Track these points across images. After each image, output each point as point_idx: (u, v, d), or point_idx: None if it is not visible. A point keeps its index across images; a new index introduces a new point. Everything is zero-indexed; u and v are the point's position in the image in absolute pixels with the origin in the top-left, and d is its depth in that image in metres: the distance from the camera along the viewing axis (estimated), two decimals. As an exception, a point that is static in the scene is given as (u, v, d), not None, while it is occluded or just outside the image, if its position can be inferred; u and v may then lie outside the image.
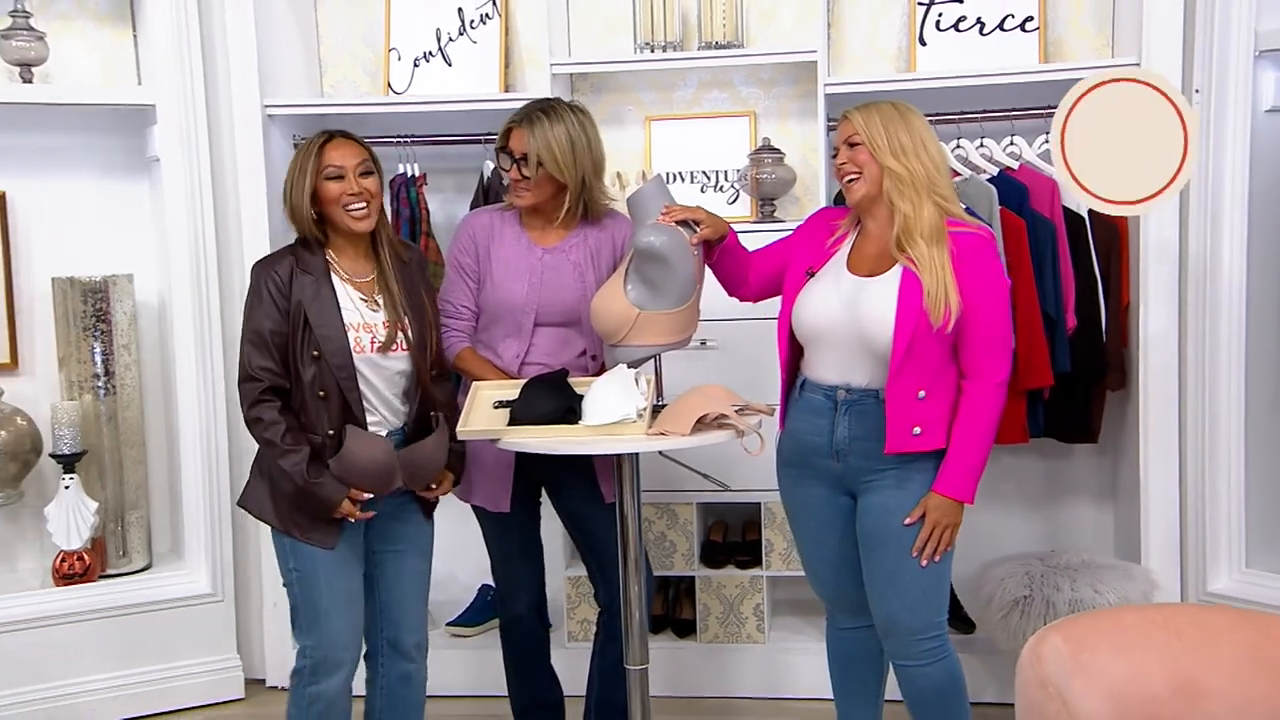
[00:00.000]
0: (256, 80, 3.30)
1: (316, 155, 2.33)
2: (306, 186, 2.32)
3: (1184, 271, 3.11)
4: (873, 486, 2.31)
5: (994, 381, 2.25)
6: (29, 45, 3.24)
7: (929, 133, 2.29)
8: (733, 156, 3.45)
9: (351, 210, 2.33)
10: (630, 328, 2.43)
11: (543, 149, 2.49)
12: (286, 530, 2.37)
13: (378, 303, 2.38)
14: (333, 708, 2.42)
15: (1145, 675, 1.66)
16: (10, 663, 3.18)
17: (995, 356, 2.25)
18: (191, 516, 3.39)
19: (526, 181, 2.53)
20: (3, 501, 3.30)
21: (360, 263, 2.40)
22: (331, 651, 2.39)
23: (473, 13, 3.51)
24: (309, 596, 2.39)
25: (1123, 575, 2.89)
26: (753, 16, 3.44)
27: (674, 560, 3.32)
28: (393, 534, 2.48)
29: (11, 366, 3.39)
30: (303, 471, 2.29)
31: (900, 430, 2.25)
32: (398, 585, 2.49)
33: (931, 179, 2.25)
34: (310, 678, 2.41)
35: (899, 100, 2.33)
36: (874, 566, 2.33)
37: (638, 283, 2.44)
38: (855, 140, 2.29)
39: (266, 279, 2.33)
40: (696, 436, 2.31)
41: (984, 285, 2.24)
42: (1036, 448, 3.34)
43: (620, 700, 2.60)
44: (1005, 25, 3.32)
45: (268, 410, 2.31)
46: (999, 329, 2.26)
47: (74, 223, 3.45)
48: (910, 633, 2.32)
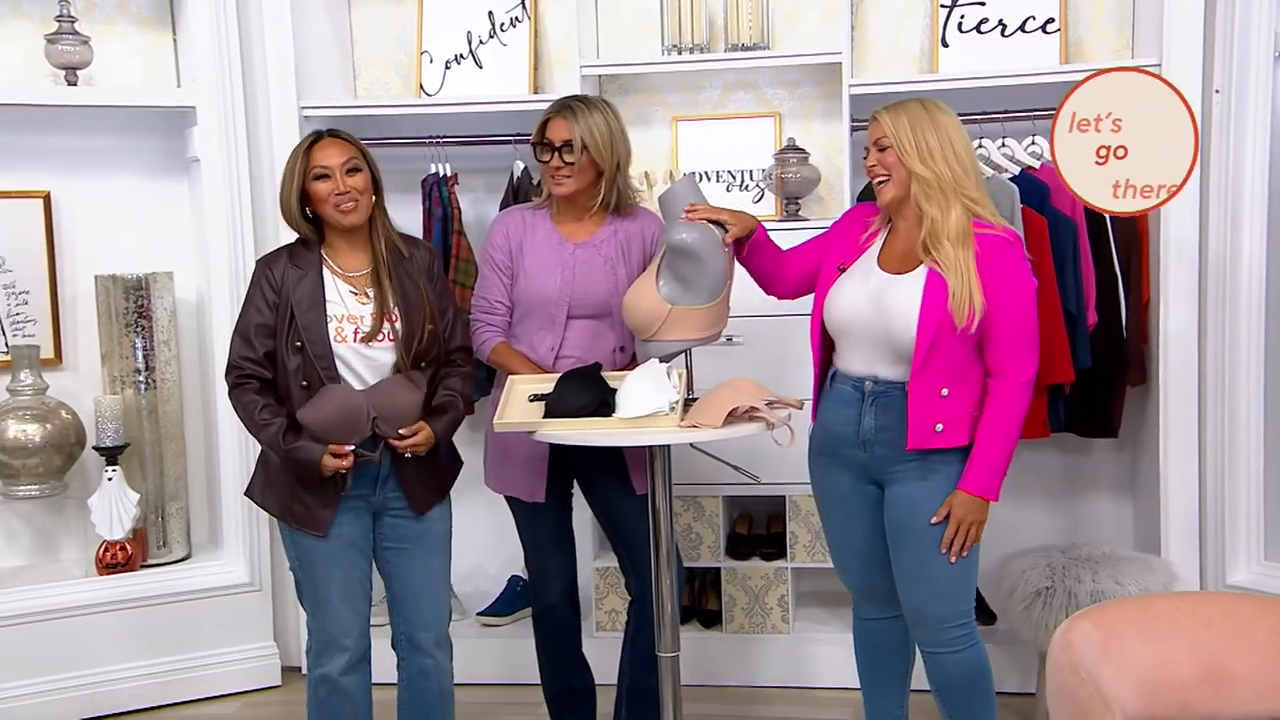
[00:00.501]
0: (294, 82, 3.38)
1: (304, 157, 2.42)
2: (295, 188, 2.42)
3: (1204, 268, 3.15)
4: (899, 477, 2.36)
5: (1020, 381, 2.29)
6: (74, 49, 3.33)
7: (957, 131, 2.32)
8: (758, 156, 3.51)
9: (340, 207, 2.41)
10: (662, 323, 2.50)
11: (585, 134, 2.58)
12: (284, 518, 2.46)
13: (368, 295, 2.43)
14: (338, 692, 2.47)
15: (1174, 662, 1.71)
16: (55, 649, 3.27)
17: (1021, 356, 2.29)
18: (229, 508, 3.47)
19: (569, 168, 2.61)
20: (47, 493, 3.39)
21: (356, 257, 2.47)
22: (333, 637, 2.46)
23: (503, 16, 3.58)
24: (310, 583, 2.47)
25: (1143, 567, 2.94)
26: (778, 19, 3.50)
27: (700, 552, 3.39)
28: (397, 532, 2.51)
29: (56, 361, 3.48)
30: (279, 440, 2.36)
31: (922, 427, 2.30)
32: (408, 583, 2.53)
33: (959, 181, 2.29)
34: (316, 660, 2.49)
35: (928, 97, 2.37)
36: (902, 556, 2.38)
37: (669, 279, 2.50)
38: (884, 144, 2.34)
39: (261, 274, 2.44)
40: (728, 429, 2.37)
41: (1009, 286, 2.28)
42: (1056, 442, 3.39)
43: (651, 687, 2.66)
44: (1026, 27, 3.37)
45: (245, 393, 2.41)
46: (1024, 329, 2.29)
47: (116, 222, 3.54)
48: (940, 621, 2.37)
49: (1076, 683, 1.67)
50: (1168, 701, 1.74)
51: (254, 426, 2.40)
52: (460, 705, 2.69)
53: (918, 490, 2.34)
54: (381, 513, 2.49)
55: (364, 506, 2.47)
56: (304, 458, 2.37)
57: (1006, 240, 2.31)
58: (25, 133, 3.42)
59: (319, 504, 2.42)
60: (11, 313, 3.44)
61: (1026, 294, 2.31)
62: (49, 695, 3.26)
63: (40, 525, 3.52)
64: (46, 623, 3.26)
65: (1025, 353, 2.30)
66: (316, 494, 2.42)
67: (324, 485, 2.41)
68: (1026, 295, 2.31)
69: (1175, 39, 3.08)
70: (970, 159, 2.33)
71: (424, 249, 2.57)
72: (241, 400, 2.41)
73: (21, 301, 3.44)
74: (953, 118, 2.34)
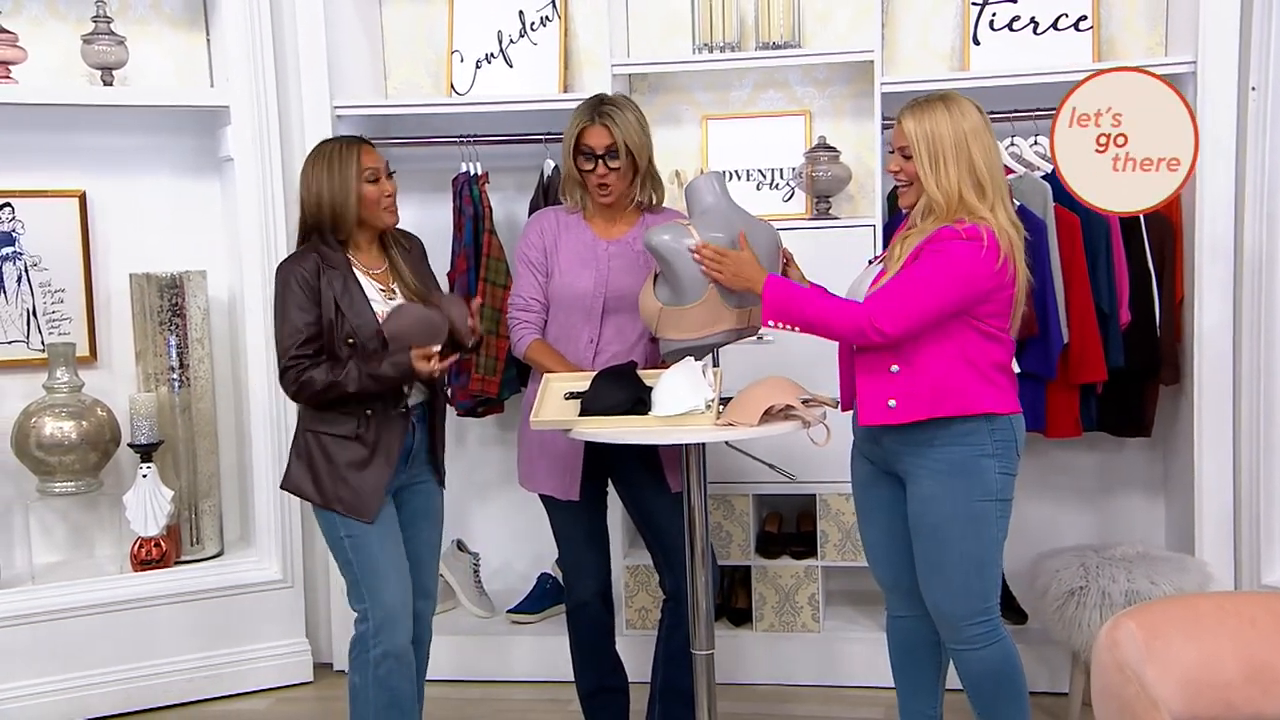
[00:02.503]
0: (327, 82, 3.40)
1: (356, 161, 2.48)
2: (353, 189, 2.47)
3: (1239, 265, 3.14)
4: (913, 474, 2.38)
5: (867, 316, 2.24)
6: (109, 49, 3.36)
7: (976, 137, 2.30)
8: (788, 155, 3.51)
9: (389, 209, 2.53)
10: (657, 322, 2.53)
11: (627, 135, 2.62)
12: (329, 506, 2.49)
13: (394, 291, 2.55)
14: (401, 664, 2.52)
15: (1218, 661, 1.70)
16: (90, 645, 3.30)
17: (884, 301, 2.25)
18: (262, 505, 3.50)
19: (614, 174, 2.64)
20: (83, 489, 3.42)
21: (374, 256, 2.57)
22: (392, 609, 2.50)
23: (533, 15, 3.59)
24: (366, 560, 2.50)
25: (1178, 567, 2.93)
26: (808, 17, 3.50)
27: (730, 550, 3.39)
28: (412, 505, 2.62)
29: (91, 359, 3.51)
30: (363, 373, 2.42)
31: (873, 402, 2.34)
32: (415, 552, 2.62)
33: (964, 198, 2.28)
34: (375, 639, 2.51)
35: (954, 95, 2.36)
36: (919, 554, 2.41)
37: (660, 280, 2.54)
38: (907, 152, 2.35)
39: (295, 277, 2.47)
40: (764, 427, 2.38)
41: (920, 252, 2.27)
42: (1088, 441, 3.38)
43: (685, 686, 2.67)
44: (1059, 25, 3.36)
45: (305, 372, 2.44)
46: (899, 280, 2.26)
47: (150, 221, 3.57)
48: (957, 619, 2.39)
49: (1122, 682, 1.67)
50: (1211, 701, 1.73)
51: (336, 388, 2.42)
52: (492, 702, 2.72)
53: (929, 488, 2.36)
54: (401, 488, 2.58)
55: (394, 484, 2.54)
56: (397, 371, 2.42)
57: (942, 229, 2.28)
58: (61, 132, 3.45)
59: (372, 484, 2.47)
60: (47, 310, 3.47)
61: (924, 260, 2.26)
62: (83, 690, 3.29)
63: (75, 521, 3.55)
64: (82, 618, 3.29)
65: (890, 297, 2.25)
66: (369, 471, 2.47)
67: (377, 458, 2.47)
68: (923, 261, 2.26)
69: (1211, 36, 3.06)
70: (986, 157, 2.31)
71: (413, 239, 2.69)
72: (307, 378, 2.44)
73: (57, 300, 3.48)
74: (974, 119, 2.32)
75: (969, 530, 2.34)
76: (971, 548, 2.35)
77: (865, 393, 2.35)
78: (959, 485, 2.33)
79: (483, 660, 3.47)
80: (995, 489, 2.35)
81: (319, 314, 2.45)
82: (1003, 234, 2.28)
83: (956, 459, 2.33)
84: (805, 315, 2.32)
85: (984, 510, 2.35)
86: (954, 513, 2.34)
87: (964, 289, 2.27)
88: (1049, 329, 3.02)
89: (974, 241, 2.26)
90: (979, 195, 2.30)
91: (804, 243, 3.02)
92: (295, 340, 2.45)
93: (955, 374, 2.31)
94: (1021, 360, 2.98)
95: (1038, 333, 3.01)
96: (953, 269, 2.25)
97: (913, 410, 2.31)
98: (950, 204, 2.30)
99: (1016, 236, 2.31)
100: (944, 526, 2.34)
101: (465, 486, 3.71)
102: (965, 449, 2.33)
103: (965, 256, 2.25)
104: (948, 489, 2.34)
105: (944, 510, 2.35)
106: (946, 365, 2.31)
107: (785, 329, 2.36)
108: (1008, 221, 2.31)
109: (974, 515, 2.34)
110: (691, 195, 2.58)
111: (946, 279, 2.25)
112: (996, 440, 2.34)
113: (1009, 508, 2.39)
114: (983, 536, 2.35)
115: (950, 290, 2.26)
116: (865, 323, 2.26)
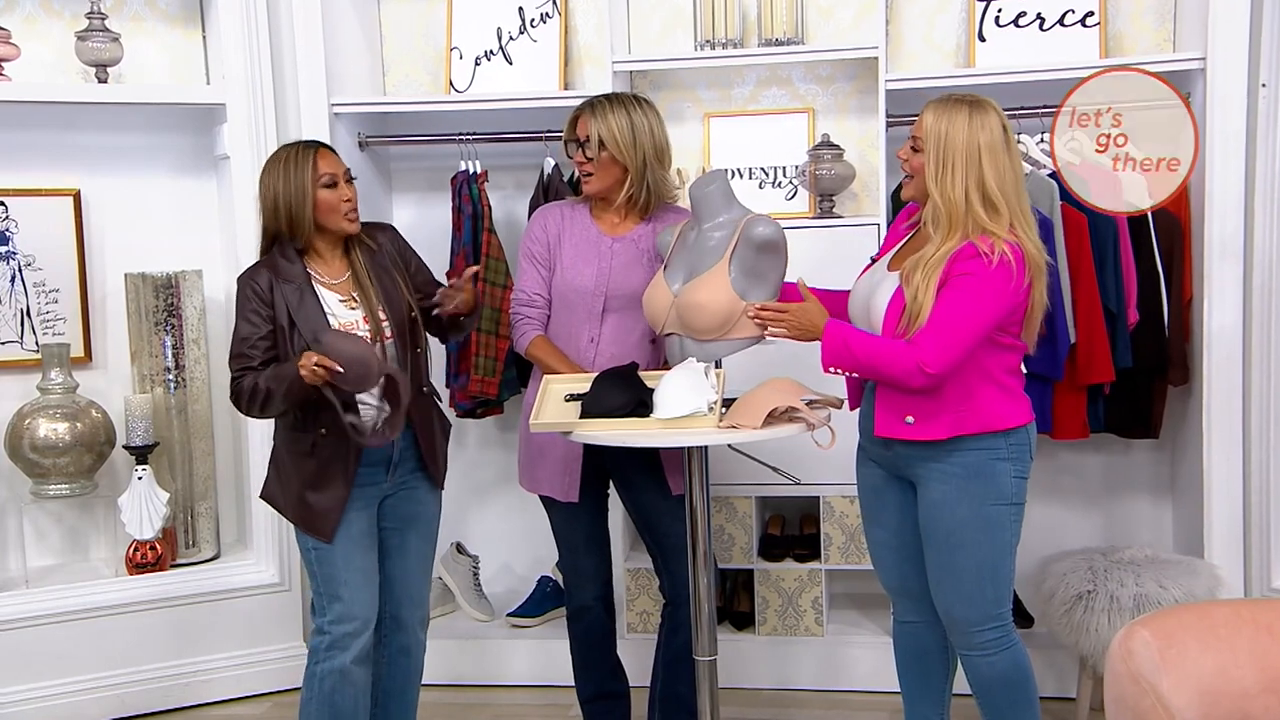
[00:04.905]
0: (324, 79, 3.36)
1: (312, 166, 2.42)
2: (309, 195, 2.41)
3: (1249, 265, 3.10)
4: (924, 478, 2.34)
5: (917, 359, 2.18)
6: (104, 46, 3.32)
7: (992, 146, 2.24)
8: (791, 153, 3.47)
9: (348, 215, 2.45)
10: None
11: (603, 131, 2.58)
12: (295, 522, 2.47)
13: (355, 300, 2.47)
14: (345, 682, 2.47)
15: (1235, 670, 1.66)
16: (85, 649, 3.26)
17: (931, 338, 2.19)
18: (258, 507, 3.42)
19: (590, 164, 2.62)
20: (77, 492, 3.38)
21: (335, 264, 2.50)
22: (348, 624, 2.46)
23: (533, 11, 3.55)
24: (328, 574, 2.47)
25: (1187, 570, 2.89)
26: (812, 13, 3.46)
27: (732, 553, 3.35)
28: (400, 512, 2.56)
29: (85, 360, 3.47)
30: (267, 377, 2.35)
31: (889, 416, 2.29)
32: (401, 561, 2.57)
33: (972, 211, 2.23)
34: (325, 654, 2.48)
35: (982, 99, 2.30)
36: (930, 559, 2.37)
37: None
38: (920, 146, 2.30)
39: (249, 287, 2.43)
40: (768, 430, 2.34)
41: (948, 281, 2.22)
42: (1095, 442, 3.34)
43: (685, 693, 2.63)
44: (1065, 21, 3.32)
45: (245, 379, 2.39)
46: (939, 316, 2.20)
47: (145, 220, 3.52)
48: (969, 624, 2.35)
49: (1138, 693, 1.63)
50: (1228, 711, 1.69)
51: (256, 391, 2.37)
52: (491, 707, 2.69)
53: (942, 492, 2.32)
54: (386, 496, 2.52)
55: (375, 494, 2.50)
56: (288, 371, 2.34)
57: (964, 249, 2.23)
58: (55, 130, 3.41)
59: (326, 503, 2.42)
60: (42, 311, 3.43)
61: (959, 287, 2.21)
62: (79, 695, 3.25)
63: (70, 524, 3.51)
64: (76, 622, 3.25)
65: (936, 337, 2.19)
66: (325, 491, 2.42)
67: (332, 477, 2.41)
68: (958, 289, 2.21)
69: (1220, 32, 3.02)
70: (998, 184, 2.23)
71: (385, 230, 2.60)
72: (241, 385, 2.40)
73: (51, 299, 3.44)
74: (994, 135, 2.25)
75: (982, 535, 2.31)
76: (985, 553, 2.31)
77: (882, 404, 2.30)
78: (973, 490, 2.29)
79: (482, 664, 3.43)
80: (1009, 493, 2.31)
81: (271, 328, 2.40)
82: (1030, 258, 2.24)
83: (970, 463, 2.30)
84: (858, 360, 2.27)
85: (998, 515, 2.31)
86: (967, 517, 2.30)
87: (997, 315, 2.24)
88: (1056, 329, 2.98)
89: (1002, 265, 2.20)
90: (990, 211, 2.24)
91: (807, 242, 3.00)
92: (240, 349, 2.41)
93: (975, 392, 2.28)
94: (1028, 361, 2.93)
95: (1045, 333, 2.96)
96: (986, 297, 2.21)
97: (932, 430, 2.28)
98: (954, 213, 2.24)
99: (1039, 260, 2.27)
100: (957, 531, 2.30)
101: (464, 488, 3.67)
102: (980, 454, 2.30)
103: (995, 280, 2.21)
104: (961, 493, 2.30)
105: (957, 515, 2.30)
106: (966, 383, 2.27)
107: (840, 374, 2.33)
108: (1032, 246, 2.26)
109: (987, 520, 2.30)
110: (701, 201, 2.54)
111: (982, 309, 2.21)
112: (1011, 444, 2.31)
113: (1022, 512, 2.35)
114: (996, 541, 2.32)
115: (986, 319, 2.23)
116: (913, 366, 2.20)
